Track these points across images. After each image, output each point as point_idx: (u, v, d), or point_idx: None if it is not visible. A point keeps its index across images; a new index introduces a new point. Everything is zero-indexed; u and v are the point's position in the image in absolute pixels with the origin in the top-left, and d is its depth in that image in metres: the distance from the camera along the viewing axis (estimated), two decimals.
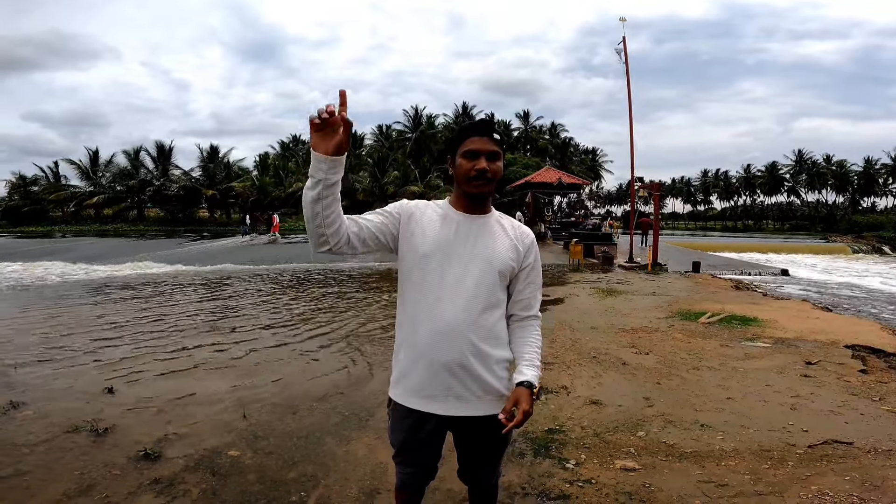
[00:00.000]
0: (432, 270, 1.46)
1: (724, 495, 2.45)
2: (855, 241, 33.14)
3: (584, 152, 58.56)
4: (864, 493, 2.44)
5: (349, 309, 7.85)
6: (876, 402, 3.70)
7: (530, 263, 1.55)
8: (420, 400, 1.49)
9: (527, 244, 1.55)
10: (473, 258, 1.47)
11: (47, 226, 36.38)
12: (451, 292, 1.45)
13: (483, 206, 1.53)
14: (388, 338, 5.78)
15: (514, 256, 1.51)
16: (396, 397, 1.55)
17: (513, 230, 1.55)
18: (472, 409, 1.49)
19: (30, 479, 2.62)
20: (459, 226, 1.50)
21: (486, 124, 1.50)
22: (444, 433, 1.58)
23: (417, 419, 1.51)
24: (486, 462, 1.64)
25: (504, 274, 1.50)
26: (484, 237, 1.50)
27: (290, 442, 3.09)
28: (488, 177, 1.45)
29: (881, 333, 6.09)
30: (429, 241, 1.47)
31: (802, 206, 58.35)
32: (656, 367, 4.60)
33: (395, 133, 49.92)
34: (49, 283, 11.23)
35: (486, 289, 1.47)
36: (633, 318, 7.00)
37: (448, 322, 1.44)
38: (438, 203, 1.57)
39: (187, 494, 2.48)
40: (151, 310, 7.79)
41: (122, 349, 5.29)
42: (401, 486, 1.68)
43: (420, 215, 1.51)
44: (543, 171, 27.15)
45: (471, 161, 1.45)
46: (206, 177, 40.35)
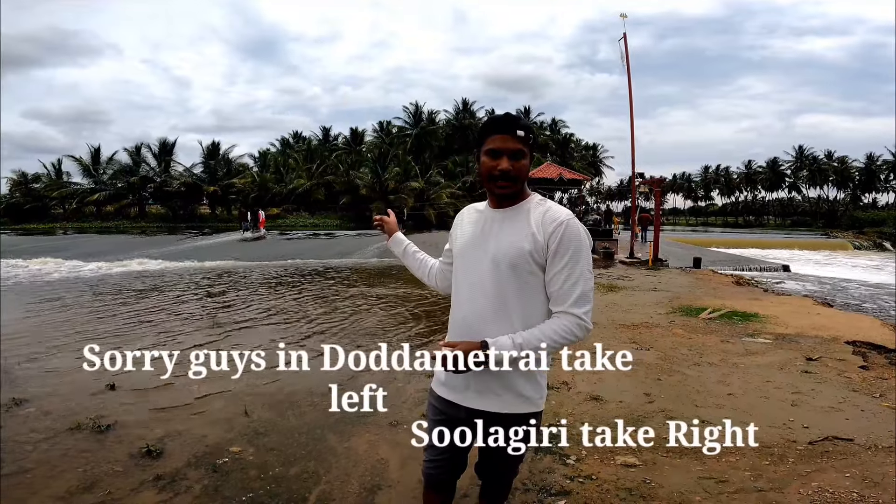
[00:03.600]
0: (459, 269, 1.54)
1: (724, 491, 2.46)
2: (856, 237, 33.08)
3: (584, 148, 58.39)
4: (865, 490, 2.44)
5: (348, 305, 7.85)
6: (876, 399, 3.70)
7: (556, 250, 1.38)
8: (446, 389, 1.56)
9: (549, 231, 1.39)
10: (485, 252, 1.46)
11: (49, 223, 36.41)
12: (471, 289, 1.48)
13: (512, 199, 1.47)
14: (388, 335, 5.79)
15: (530, 246, 1.39)
16: (433, 385, 1.64)
17: (540, 217, 1.42)
18: (491, 404, 1.48)
19: (32, 476, 2.63)
20: (486, 222, 1.50)
21: (509, 120, 1.42)
22: (472, 425, 1.54)
23: (447, 406, 1.56)
24: (502, 461, 1.59)
25: (524, 267, 1.40)
26: (502, 229, 1.45)
27: (291, 438, 3.10)
28: (511, 176, 1.40)
29: (882, 329, 6.08)
30: (460, 242, 1.56)
31: (803, 201, 58.20)
32: (657, 363, 4.60)
33: (395, 129, 49.79)
34: (49, 279, 11.25)
35: (501, 283, 1.42)
36: (633, 313, 7.00)
37: (465, 318, 1.48)
38: (484, 202, 1.58)
39: (189, 491, 2.49)
40: (152, 306, 7.80)
41: (122, 346, 5.30)
42: (427, 481, 1.67)
43: (461, 221, 1.62)
44: (544, 167, 27.07)
45: (493, 160, 1.41)
46: (207, 173, 40.32)
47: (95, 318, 6.81)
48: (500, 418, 1.49)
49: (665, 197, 61.52)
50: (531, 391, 1.48)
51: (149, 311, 7.37)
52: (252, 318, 6.90)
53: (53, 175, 41.31)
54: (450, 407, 1.55)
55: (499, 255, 1.42)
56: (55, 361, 4.75)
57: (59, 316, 7.00)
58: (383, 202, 34.47)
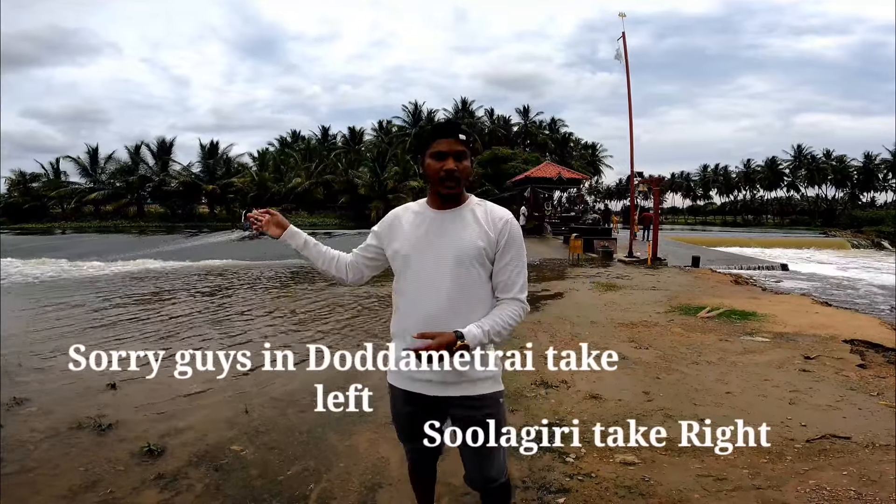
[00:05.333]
0: (412, 268, 1.60)
1: (722, 489, 2.47)
2: (854, 236, 33.08)
3: (583, 147, 58.41)
4: (862, 488, 2.45)
5: (346, 302, 7.86)
6: (874, 397, 3.72)
7: (504, 245, 1.57)
8: (411, 382, 1.64)
9: (499, 227, 1.57)
10: (444, 251, 1.56)
11: (47, 222, 36.35)
12: (430, 286, 1.56)
13: (455, 200, 1.60)
14: (387, 332, 5.81)
15: (484, 242, 1.55)
16: (391, 380, 1.72)
17: (485, 216, 1.59)
18: (454, 389, 1.59)
19: (35, 475, 2.64)
20: (431, 222, 1.60)
21: (451, 126, 1.57)
22: (434, 412, 1.66)
23: (409, 398, 1.66)
24: (479, 451, 1.63)
25: (478, 261, 1.56)
26: (455, 229, 1.57)
27: (291, 437, 3.11)
28: (456, 176, 1.53)
29: (880, 328, 6.11)
30: (406, 243, 1.61)
31: (802, 200, 58.26)
32: (656, 362, 4.62)
33: (395, 128, 49.78)
34: (48, 279, 11.24)
35: (461, 279, 1.55)
36: (632, 312, 7.02)
37: (429, 313, 1.55)
38: (419, 203, 1.69)
39: (191, 489, 2.50)
40: (150, 306, 7.81)
41: (122, 345, 5.30)
42: (411, 466, 1.90)
43: (398, 222, 1.67)
44: (543, 167, 27.09)
45: (438, 162, 1.54)
46: (206, 172, 40.27)
47: (96, 318, 6.82)
48: (471, 401, 1.59)
49: (664, 196, 61.53)
50: (494, 371, 1.63)
51: (148, 311, 7.38)
52: (250, 316, 6.91)
53: (51, 174, 41.24)
54: (417, 399, 1.64)
55: (461, 253, 1.55)
56: (56, 360, 4.76)
57: (59, 315, 7.00)
58: (382, 201, 34.45)
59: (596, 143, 59.76)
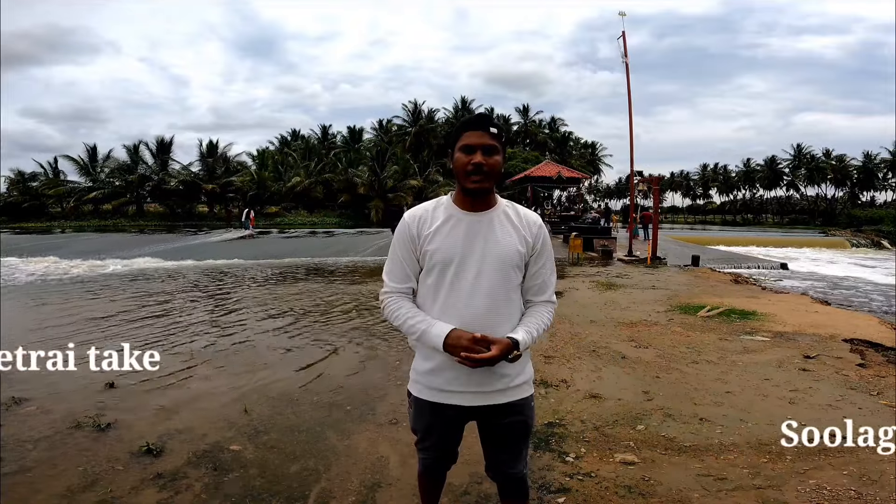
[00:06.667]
0: (450, 275, 1.51)
1: (723, 489, 2.47)
2: (854, 235, 33.10)
3: (583, 146, 58.43)
4: (862, 488, 2.45)
5: (346, 303, 7.86)
6: (874, 397, 3.72)
7: (539, 249, 1.57)
8: (442, 394, 1.57)
9: (534, 231, 1.56)
10: (486, 258, 1.50)
11: (47, 221, 36.33)
12: (471, 293, 1.50)
13: (487, 201, 1.54)
14: (387, 332, 5.80)
15: (524, 247, 1.54)
16: (418, 393, 1.62)
17: (519, 220, 1.56)
18: (492, 398, 1.56)
19: (34, 474, 2.63)
20: (468, 227, 1.52)
21: (482, 118, 1.51)
22: (465, 420, 1.64)
23: (440, 409, 1.59)
24: (509, 450, 1.67)
25: (518, 267, 1.54)
26: (495, 233, 1.52)
27: (291, 436, 3.11)
28: (485, 170, 1.46)
29: (880, 327, 6.11)
30: (443, 249, 1.51)
31: (802, 200, 58.29)
32: (655, 361, 4.62)
33: (394, 127, 49.75)
34: (48, 278, 11.23)
35: (503, 285, 1.52)
36: (632, 311, 7.02)
37: (469, 322, 1.48)
38: (441, 202, 1.58)
39: (190, 489, 2.50)
40: (150, 305, 7.80)
41: (121, 344, 5.29)
42: (423, 471, 1.82)
43: (425, 225, 1.53)
44: (543, 165, 27.10)
45: (467, 155, 1.46)
46: (205, 171, 40.25)
47: (95, 316, 6.81)
48: (499, 409, 1.58)
49: (664, 195, 61.59)
50: (531, 374, 1.65)
51: (148, 309, 7.37)
52: (249, 316, 6.91)
53: (50, 174, 41.21)
54: (450, 410, 1.58)
55: (505, 259, 1.51)
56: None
57: (59, 314, 6.98)
58: (382, 200, 34.44)
59: (595, 143, 59.88)
